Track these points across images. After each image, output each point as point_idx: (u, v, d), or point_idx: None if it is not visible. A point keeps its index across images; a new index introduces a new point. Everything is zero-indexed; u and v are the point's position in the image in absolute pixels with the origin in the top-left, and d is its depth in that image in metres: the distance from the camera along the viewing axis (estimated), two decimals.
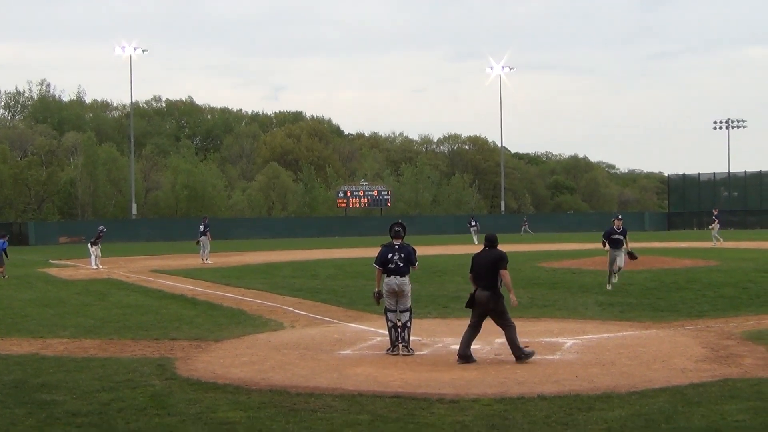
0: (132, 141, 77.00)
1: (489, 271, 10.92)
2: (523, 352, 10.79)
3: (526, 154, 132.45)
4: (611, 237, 19.78)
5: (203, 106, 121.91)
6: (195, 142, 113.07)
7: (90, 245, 32.00)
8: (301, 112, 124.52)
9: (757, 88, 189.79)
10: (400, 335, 11.61)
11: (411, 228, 13.34)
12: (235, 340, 13.21)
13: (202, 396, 8.98)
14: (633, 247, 20.16)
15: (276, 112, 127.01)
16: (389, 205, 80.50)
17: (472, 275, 11.18)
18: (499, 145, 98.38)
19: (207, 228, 34.42)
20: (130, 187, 75.58)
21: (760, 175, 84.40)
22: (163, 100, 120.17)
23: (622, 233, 19.87)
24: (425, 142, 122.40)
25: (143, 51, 75.51)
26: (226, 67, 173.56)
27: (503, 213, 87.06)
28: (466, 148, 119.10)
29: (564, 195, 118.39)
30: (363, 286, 21.07)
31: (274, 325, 14.94)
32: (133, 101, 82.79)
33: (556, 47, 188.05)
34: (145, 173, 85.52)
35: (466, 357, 10.81)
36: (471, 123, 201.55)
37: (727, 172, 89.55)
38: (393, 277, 11.73)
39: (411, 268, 11.93)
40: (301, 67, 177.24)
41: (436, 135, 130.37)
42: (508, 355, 11.21)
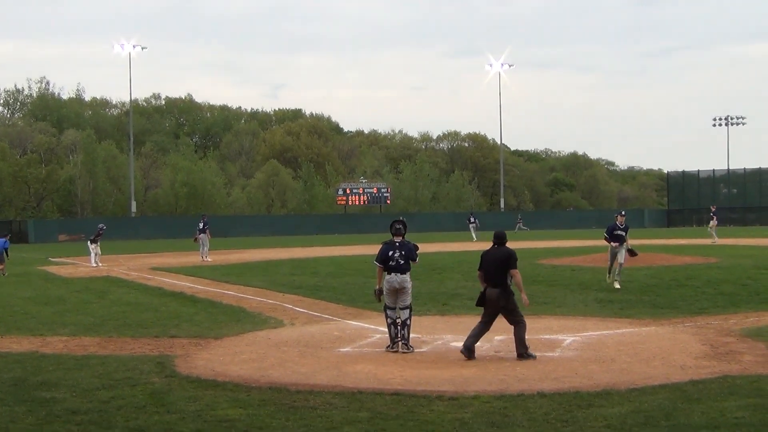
0: (131, 139, 76.96)
1: (498, 269, 10.97)
2: (527, 352, 10.79)
3: (526, 152, 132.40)
4: (613, 232, 19.61)
5: (202, 104, 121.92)
6: (194, 140, 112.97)
7: (89, 243, 32.01)
8: (300, 110, 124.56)
9: (756, 85, 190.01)
10: (400, 332, 11.62)
11: (410, 225, 13.34)
12: (234, 337, 13.21)
13: (201, 393, 8.98)
14: (632, 244, 20.06)
15: (275, 110, 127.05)
16: (389, 202, 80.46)
17: (481, 272, 11.21)
18: (499, 142, 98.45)
19: (207, 226, 34.40)
20: (129, 185, 75.54)
21: (759, 172, 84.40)
22: (163, 97, 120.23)
23: (624, 229, 19.68)
24: (425, 139, 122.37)
25: (142, 48, 75.50)
26: (226, 65, 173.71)
27: (503, 210, 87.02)
28: (466, 145, 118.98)
29: (563, 192, 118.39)
30: (363, 284, 21.08)
31: (274, 322, 14.94)
32: (133, 99, 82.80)
33: (556, 44, 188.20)
34: (144, 171, 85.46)
35: (469, 350, 10.85)
36: (470, 120, 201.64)
37: (726, 169, 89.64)
38: (394, 274, 11.74)
39: (411, 263, 11.96)
40: (300, 65, 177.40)
41: (436, 132, 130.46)
42: (508, 352, 11.22)
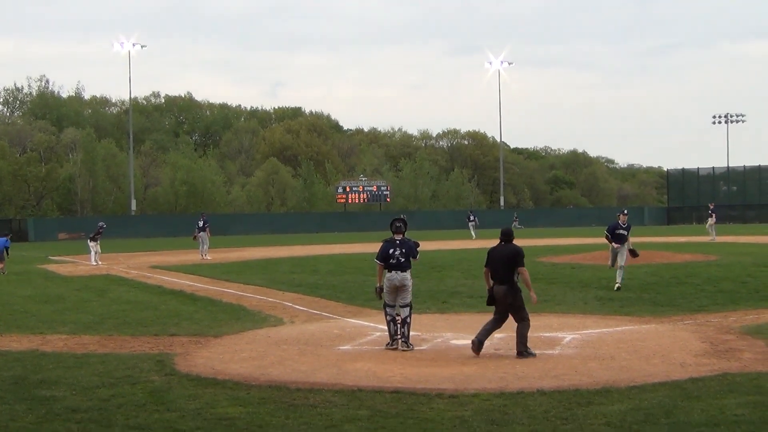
0: (131, 137, 76.93)
1: (505, 266, 11.01)
2: (527, 350, 10.80)
3: (526, 149, 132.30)
4: (615, 232, 18.98)
5: (202, 102, 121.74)
6: (194, 138, 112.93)
7: (89, 241, 31.99)
8: (300, 108, 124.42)
9: (756, 83, 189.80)
10: (400, 330, 11.63)
11: (410, 223, 13.35)
12: (234, 335, 13.21)
13: (201, 392, 8.98)
14: (633, 242, 19.84)
15: (275, 108, 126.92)
16: (388, 200, 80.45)
17: (488, 269, 11.23)
18: (498, 140, 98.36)
19: (207, 224, 34.41)
20: (129, 183, 75.49)
21: (759, 170, 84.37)
22: (162, 96, 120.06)
23: (627, 228, 19.07)
24: (424, 137, 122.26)
25: (142, 47, 75.40)
26: (225, 63, 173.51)
27: (502, 208, 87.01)
28: (465, 143, 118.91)
29: (563, 190, 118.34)
30: (362, 282, 21.09)
31: (274, 320, 14.95)
32: (132, 97, 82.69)
33: (556, 42, 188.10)
34: (144, 169, 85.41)
35: (479, 343, 10.89)
36: (470, 118, 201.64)
37: (726, 166, 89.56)
38: (394, 272, 11.75)
39: (412, 260, 11.96)
40: (300, 63, 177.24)
41: (435, 130, 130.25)
42: (508, 350, 11.23)
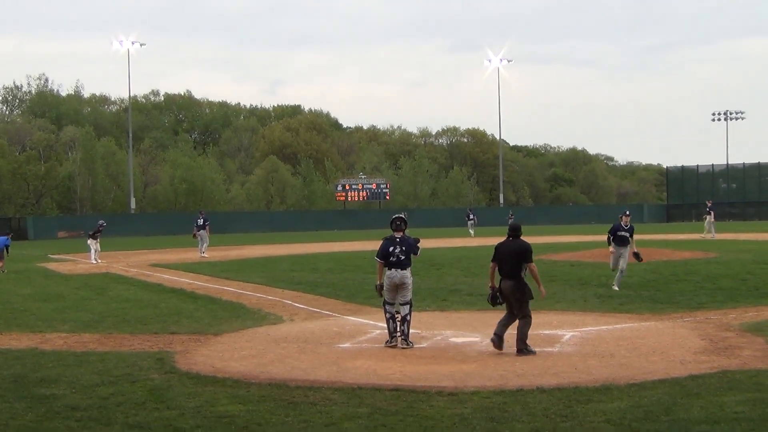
0: (130, 135, 76.90)
1: (513, 261, 11.05)
2: (527, 348, 10.80)
3: (525, 147, 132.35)
4: (617, 234, 18.45)
5: (201, 100, 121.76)
6: (193, 136, 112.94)
7: (89, 238, 31.96)
8: (299, 106, 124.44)
9: (755, 80, 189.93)
10: (399, 327, 11.63)
11: (410, 221, 13.34)
12: (234, 333, 13.22)
13: (201, 390, 8.99)
14: (635, 240, 19.25)
15: (274, 106, 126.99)
16: (388, 198, 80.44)
17: (495, 264, 11.25)
18: (498, 137, 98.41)
19: (207, 222, 34.43)
20: (128, 182, 75.46)
21: (758, 167, 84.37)
22: (161, 94, 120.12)
23: (629, 230, 18.47)
24: (424, 135, 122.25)
25: (141, 45, 75.36)
26: (224, 61, 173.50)
27: (502, 205, 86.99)
28: (465, 140, 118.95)
29: (563, 187, 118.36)
30: (362, 280, 21.09)
31: (274, 318, 14.95)
32: (131, 95, 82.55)
33: (555, 39, 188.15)
34: (143, 167, 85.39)
35: (499, 337, 10.94)
36: (469, 116, 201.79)
37: (725, 163, 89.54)
38: (394, 270, 11.76)
39: (413, 256, 11.96)
40: (299, 61, 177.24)
41: (435, 128, 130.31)
42: (507, 347, 11.23)
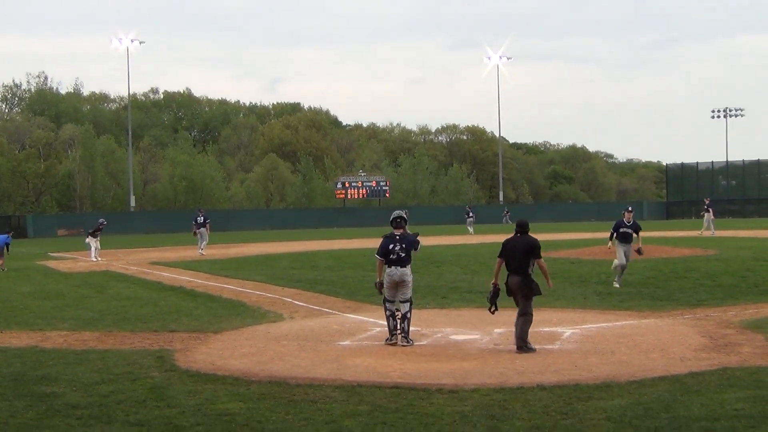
0: (130, 133, 76.90)
1: (521, 257, 11.09)
2: (527, 345, 10.80)
3: (525, 144, 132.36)
4: (620, 230, 18.28)
5: (201, 98, 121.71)
6: (193, 134, 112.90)
7: (89, 237, 31.93)
8: (299, 104, 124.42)
9: (755, 77, 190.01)
10: (400, 325, 11.63)
11: (409, 218, 13.31)
12: (234, 331, 13.21)
13: (201, 387, 8.99)
14: (643, 236, 18.81)
15: (274, 104, 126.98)
16: (387, 195, 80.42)
17: (501, 260, 11.27)
18: (497, 135, 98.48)
19: (208, 220, 34.46)
20: (128, 180, 75.45)
21: (758, 164, 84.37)
22: (161, 91, 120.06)
23: (632, 227, 18.28)
24: (423, 132, 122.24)
25: (140, 43, 75.41)
26: (224, 59, 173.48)
27: (501, 203, 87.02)
28: (464, 138, 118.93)
29: (562, 185, 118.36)
30: (362, 277, 21.09)
31: (273, 316, 14.95)
32: (131, 93, 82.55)
33: (554, 36, 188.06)
34: (143, 165, 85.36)
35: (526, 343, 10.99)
36: (469, 113, 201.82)
37: (725, 160, 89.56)
38: (394, 267, 11.76)
39: (413, 252, 11.99)
40: (298, 58, 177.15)
41: (434, 125, 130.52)
42: (507, 344, 11.24)
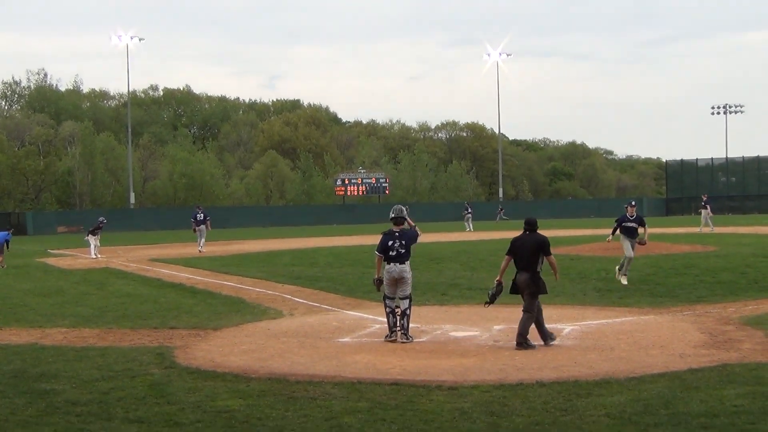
0: (129, 130, 76.84)
1: (531, 255, 11.11)
2: (527, 342, 10.81)
3: (524, 141, 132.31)
4: (623, 225, 18.03)
5: (200, 95, 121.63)
6: (192, 131, 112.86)
7: (89, 235, 31.92)
8: (298, 101, 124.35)
9: (755, 73, 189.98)
10: (399, 322, 11.63)
11: (409, 215, 13.29)
12: (234, 328, 13.21)
13: (201, 384, 8.99)
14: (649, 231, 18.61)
15: (273, 101, 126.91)
16: (387, 192, 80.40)
17: (509, 257, 11.33)
18: (497, 131, 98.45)
19: (208, 218, 34.47)
20: (128, 177, 75.40)
21: (758, 160, 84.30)
22: (161, 89, 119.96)
23: (636, 221, 18.06)
24: (423, 129, 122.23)
25: (140, 40, 75.21)
26: (223, 56, 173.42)
27: (501, 199, 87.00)
28: (464, 135, 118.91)
29: (562, 181, 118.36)
30: (362, 274, 21.08)
31: (273, 313, 14.95)
32: (130, 90, 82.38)
33: (554, 33, 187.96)
34: (142, 162, 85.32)
35: (545, 338, 11.05)
36: (468, 110, 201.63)
37: (725, 157, 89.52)
38: (393, 264, 11.75)
39: (417, 238, 12.09)
40: (298, 55, 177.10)
41: (434, 122, 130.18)
42: (507, 341, 11.24)
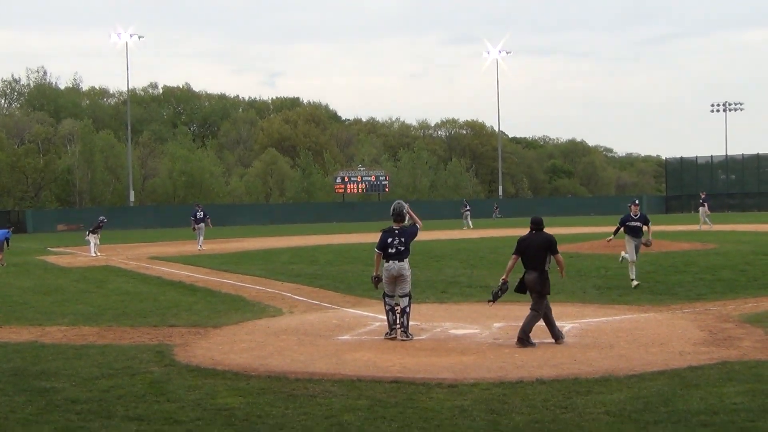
0: (129, 128, 76.77)
1: (539, 254, 11.15)
2: (528, 340, 10.82)
3: (524, 138, 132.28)
4: (628, 224, 17.46)
5: (200, 93, 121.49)
6: (192, 129, 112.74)
7: (89, 234, 31.91)
8: (298, 98, 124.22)
9: (754, 71, 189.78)
10: (399, 319, 11.64)
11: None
12: (233, 326, 13.22)
13: (201, 382, 8.99)
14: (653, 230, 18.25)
15: (273, 98, 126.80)
16: (387, 190, 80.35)
17: (516, 257, 11.35)
18: (497, 129, 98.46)
19: (208, 216, 34.50)
20: (127, 175, 75.36)
21: (757, 158, 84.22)
22: (160, 86, 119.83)
23: (640, 219, 17.48)
24: (422, 127, 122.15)
25: (139, 38, 75.11)
26: (223, 54, 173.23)
27: (501, 197, 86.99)
28: (464, 132, 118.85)
29: (562, 179, 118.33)
30: (361, 272, 21.08)
31: (273, 311, 14.95)
32: (130, 88, 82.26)
33: (553, 31, 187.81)
34: (142, 160, 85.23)
35: (556, 337, 11.07)
36: (468, 107, 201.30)
37: (724, 154, 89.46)
38: (392, 261, 11.75)
39: (417, 227, 12.15)
40: (298, 53, 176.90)
41: (434, 120, 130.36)
42: (506, 339, 11.25)
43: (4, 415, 7.80)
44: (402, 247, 11.77)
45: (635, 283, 16.92)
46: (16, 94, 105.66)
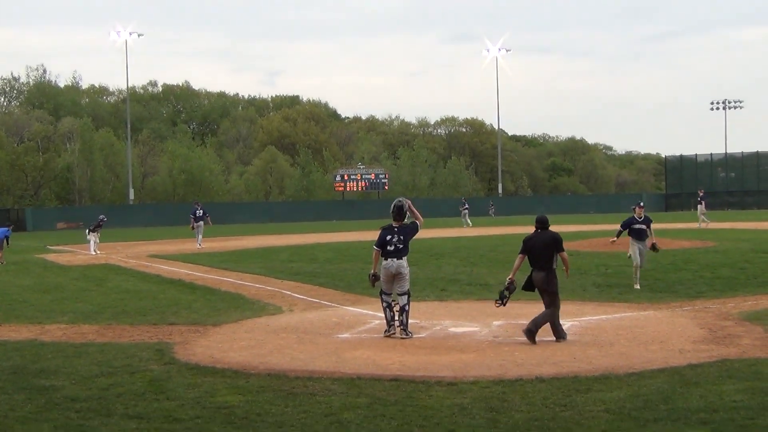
0: (128, 126, 76.73)
1: (545, 252, 11.18)
2: (533, 334, 10.82)
3: (524, 136, 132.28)
4: (632, 227, 16.94)
5: (200, 91, 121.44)
6: (192, 127, 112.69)
7: (89, 232, 31.90)
8: (297, 96, 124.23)
9: (753, 69, 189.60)
10: (398, 317, 11.63)
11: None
12: (233, 324, 13.21)
13: (200, 380, 8.99)
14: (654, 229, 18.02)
15: (273, 96, 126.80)
16: (386, 188, 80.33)
17: (523, 256, 11.38)
18: (496, 127, 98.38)
19: (207, 214, 34.51)
20: (127, 173, 75.34)
21: (757, 156, 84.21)
22: (160, 84, 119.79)
23: (645, 222, 16.97)
24: (422, 125, 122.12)
25: (139, 36, 75.08)
26: (223, 52, 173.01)
27: (500, 195, 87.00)
28: (463, 130, 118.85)
29: (561, 177, 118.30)
30: (361, 270, 21.06)
31: (273, 309, 14.95)
32: (130, 86, 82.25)
33: (553, 29, 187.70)
34: (142, 158, 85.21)
35: (558, 335, 11.09)
36: (468, 105, 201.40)
37: (724, 152, 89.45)
38: (390, 259, 11.73)
39: (418, 224, 12.09)
40: (297, 51, 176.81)
41: (433, 118, 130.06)
42: (506, 337, 11.26)
43: (3, 413, 7.80)
44: (401, 245, 11.75)
45: (637, 287, 16.57)
46: (15, 92, 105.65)
